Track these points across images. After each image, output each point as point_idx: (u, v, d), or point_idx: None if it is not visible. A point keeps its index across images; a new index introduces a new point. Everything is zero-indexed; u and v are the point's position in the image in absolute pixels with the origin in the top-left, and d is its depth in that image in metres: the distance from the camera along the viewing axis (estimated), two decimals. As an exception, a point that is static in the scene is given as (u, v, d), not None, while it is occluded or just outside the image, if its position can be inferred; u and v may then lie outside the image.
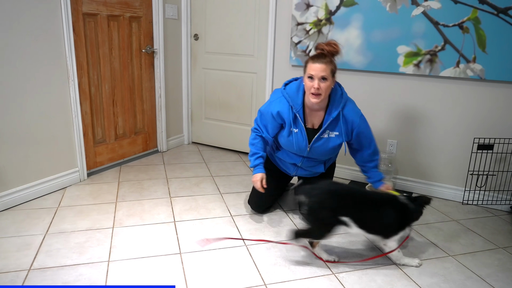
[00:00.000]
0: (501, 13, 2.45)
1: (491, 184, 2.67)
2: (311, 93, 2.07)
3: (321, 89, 2.04)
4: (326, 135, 2.20)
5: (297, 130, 2.20)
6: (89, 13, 2.81)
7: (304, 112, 2.21)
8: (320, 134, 2.19)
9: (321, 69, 2.02)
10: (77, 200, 2.61)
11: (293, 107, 2.17)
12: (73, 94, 2.73)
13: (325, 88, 2.05)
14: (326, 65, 2.03)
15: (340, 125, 2.18)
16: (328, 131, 2.19)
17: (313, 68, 2.04)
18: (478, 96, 2.65)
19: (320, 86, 2.03)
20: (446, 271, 1.98)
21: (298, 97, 2.17)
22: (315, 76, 2.03)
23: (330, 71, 2.05)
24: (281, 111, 2.19)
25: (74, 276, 1.81)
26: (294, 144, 2.24)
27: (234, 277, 1.86)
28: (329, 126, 2.18)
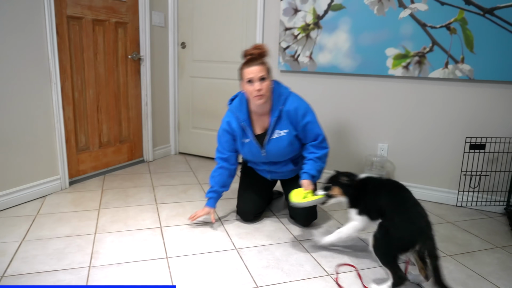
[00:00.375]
0: (487, 14, 2.48)
1: (484, 185, 2.63)
2: (255, 96, 2.08)
3: (263, 89, 2.07)
4: (276, 135, 2.19)
5: (248, 139, 2.23)
6: (74, 16, 2.75)
7: (252, 120, 2.24)
8: (269, 136, 2.19)
9: (258, 70, 2.05)
10: (57, 208, 2.48)
11: (239, 118, 2.21)
12: (55, 98, 2.64)
13: (266, 87, 2.08)
14: (260, 66, 2.07)
15: (285, 122, 2.17)
16: (277, 131, 2.18)
17: (249, 72, 2.07)
18: (468, 96, 2.64)
19: (261, 86, 2.06)
20: (446, 270, 1.89)
21: (242, 108, 2.21)
22: (253, 78, 2.05)
23: (266, 70, 2.09)
24: (230, 125, 2.24)
25: (51, 282, 1.68)
26: (249, 153, 2.28)
27: (225, 280, 1.75)
28: (276, 126, 2.18)
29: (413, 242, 1.61)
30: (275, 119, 2.16)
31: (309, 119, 2.17)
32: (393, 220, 1.67)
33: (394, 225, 1.65)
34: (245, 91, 2.14)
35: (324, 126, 2.21)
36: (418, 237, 1.60)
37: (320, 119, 2.19)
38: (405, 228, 1.63)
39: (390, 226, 1.66)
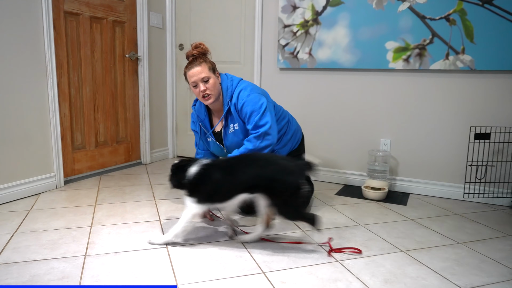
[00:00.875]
0: (486, 4, 2.48)
1: (491, 176, 2.58)
2: (202, 97, 2.09)
3: (208, 89, 2.06)
4: (232, 129, 2.16)
5: (210, 138, 2.25)
6: (71, 12, 2.73)
7: (212, 119, 2.27)
8: (226, 132, 2.18)
9: (199, 72, 2.05)
10: (51, 204, 2.38)
11: (199, 117, 2.25)
12: (51, 93, 2.58)
13: (212, 87, 2.07)
14: (202, 66, 2.06)
15: (236, 115, 2.12)
16: (231, 125, 2.16)
17: (191, 75, 2.06)
18: (470, 87, 2.62)
19: (206, 87, 2.05)
20: (458, 256, 1.82)
21: (202, 106, 2.24)
22: (197, 80, 2.05)
23: (208, 69, 2.07)
24: (194, 123, 2.30)
25: (44, 270, 1.58)
26: (215, 151, 2.29)
27: (228, 267, 1.66)
28: (229, 121, 2.15)
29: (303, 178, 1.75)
30: (226, 114, 2.13)
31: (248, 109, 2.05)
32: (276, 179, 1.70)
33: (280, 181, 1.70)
34: (194, 93, 2.13)
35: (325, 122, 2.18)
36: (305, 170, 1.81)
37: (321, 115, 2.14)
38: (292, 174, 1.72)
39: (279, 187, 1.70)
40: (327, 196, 2.74)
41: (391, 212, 2.43)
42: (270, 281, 1.55)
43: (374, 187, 2.72)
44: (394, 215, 2.37)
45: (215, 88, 2.09)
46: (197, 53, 2.08)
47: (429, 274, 1.65)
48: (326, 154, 3.07)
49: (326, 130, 3.07)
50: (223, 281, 1.54)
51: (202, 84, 2.05)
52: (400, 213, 2.42)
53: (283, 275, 1.60)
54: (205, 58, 2.10)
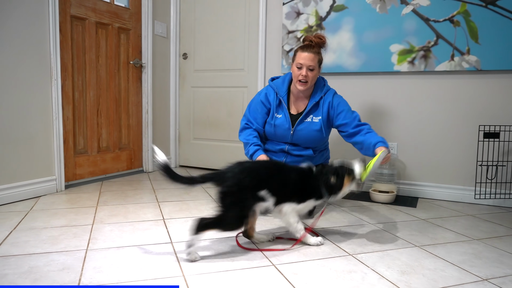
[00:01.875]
0: (490, 5, 2.50)
1: (501, 176, 2.52)
2: (299, 81, 2.14)
3: (308, 78, 2.13)
4: (310, 119, 2.22)
5: (281, 115, 2.24)
6: (78, 16, 2.74)
7: (289, 100, 2.28)
8: (303, 118, 2.21)
9: (310, 59, 2.10)
10: (52, 205, 2.32)
11: (278, 93, 2.25)
12: (55, 95, 2.56)
13: (312, 77, 2.14)
14: (314, 55, 2.12)
15: (321, 109, 2.21)
16: (311, 116, 2.22)
17: (302, 57, 2.11)
18: (477, 87, 2.60)
19: (307, 74, 2.11)
20: (476, 251, 1.75)
21: (284, 85, 2.27)
22: (303, 65, 2.11)
23: (317, 61, 2.14)
24: (268, 95, 2.28)
25: (43, 262, 1.51)
26: (277, 129, 2.24)
27: (237, 260, 1.59)
28: (312, 111, 2.22)
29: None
30: (314, 104, 2.21)
31: (343, 105, 2.22)
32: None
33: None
34: (293, 72, 2.18)
35: None
36: None
37: None
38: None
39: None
40: (335, 199, 2.67)
41: (401, 213, 2.36)
42: (282, 273, 1.47)
43: (382, 190, 2.65)
44: (405, 216, 2.31)
45: (314, 80, 2.17)
46: (316, 41, 2.12)
47: (447, 266, 1.57)
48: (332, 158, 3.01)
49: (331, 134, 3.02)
50: (232, 272, 1.47)
51: (306, 70, 2.10)
52: (411, 214, 2.35)
53: (294, 267, 1.53)
54: (320, 51, 2.16)
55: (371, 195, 2.67)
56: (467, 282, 1.43)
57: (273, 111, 2.24)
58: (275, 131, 2.25)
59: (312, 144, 2.26)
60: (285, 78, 2.30)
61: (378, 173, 2.77)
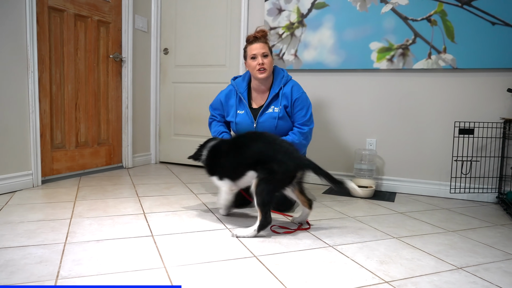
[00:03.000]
0: (465, 5, 2.58)
1: (476, 171, 2.61)
2: (258, 70, 2.22)
3: (266, 64, 2.22)
4: (271, 110, 2.29)
5: (243, 111, 2.33)
6: (55, 7, 2.68)
7: (250, 96, 2.37)
8: (264, 109, 2.29)
9: (261, 47, 2.23)
10: (28, 200, 2.26)
11: (238, 90, 2.35)
12: (32, 87, 2.50)
13: (269, 63, 2.24)
14: (264, 44, 2.25)
15: (280, 100, 2.28)
16: (272, 107, 2.29)
17: (253, 48, 2.24)
18: (453, 85, 2.68)
19: (263, 61, 2.21)
20: (451, 242, 1.81)
21: (244, 82, 2.37)
22: (257, 54, 2.22)
23: (268, 48, 2.26)
24: (228, 95, 2.38)
25: (20, 255, 1.47)
26: (241, 124, 2.32)
27: (218, 251, 1.59)
28: (272, 102, 2.29)
29: (296, 170, 1.79)
30: (274, 95, 2.27)
31: (301, 101, 2.28)
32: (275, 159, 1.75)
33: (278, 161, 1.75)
34: (248, 67, 2.28)
35: None
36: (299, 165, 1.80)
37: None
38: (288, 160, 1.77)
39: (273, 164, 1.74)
40: (314, 194, 2.71)
41: (379, 207, 2.41)
42: (263, 263, 1.48)
43: (362, 185, 2.70)
44: (383, 209, 2.36)
45: (271, 66, 2.26)
46: (259, 35, 2.25)
47: (424, 256, 1.62)
48: (312, 154, 3.04)
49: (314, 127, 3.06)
50: (214, 264, 1.47)
51: (261, 57, 2.20)
52: (389, 208, 2.41)
53: (276, 258, 1.54)
54: (266, 40, 2.27)
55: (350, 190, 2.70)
56: (443, 271, 1.47)
57: (235, 108, 2.33)
58: (237, 128, 2.34)
59: (278, 133, 2.26)
60: (245, 75, 2.40)
61: (357, 168, 2.82)
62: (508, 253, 1.68)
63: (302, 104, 2.28)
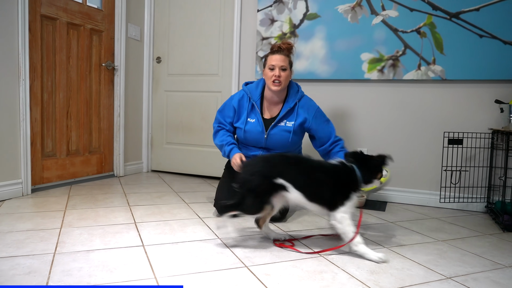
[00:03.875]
0: (454, 18, 2.63)
1: (465, 181, 2.64)
2: (272, 82, 2.18)
3: (282, 78, 2.17)
4: (283, 123, 2.25)
5: (254, 119, 2.27)
6: (48, 16, 2.68)
7: (262, 105, 2.31)
8: (276, 122, 2.25)
9: (281, 60, 2.18)
10: (17, 209, 2.24)
11: (251, 97, 2.29)
12: (23, 95, 2.49)
13: (285, 77, 2.19)
14: (285, 57, 2.20)
15: (295, 115, 2.26)
16: (285, 121, 2.26)
17: (273, 59, 2.19)
18: (442, 96, 2.73)
19: (280, 74, 2.16)
20: (440, 251, 1.83)
21: (257, 90, 2.31)
22: (276, 65, 2.17)
23: (288, 62, 2.21)
24: (241, 101, 2.31)
25: (8, 266, 1.45)
26: (250, 133, 2.27)
27: (210, 262, 1.59)
28: (286, 115, 2.26)
29: None
30: (288, 109, 2.24)
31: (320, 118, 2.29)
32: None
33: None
34: (265, 76, 2.23)
35: None
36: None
37: None
38: None
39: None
40: (307, 203, 2.71)
41: (370, 217, 2.42)
42: (254, 274, 1.48)
43: (353, 194, 2.72)
44: (374, 219, 2.37)
45: (287, 81, 2.21)
46: (284, 47, 2.21)
47: (414, 265, 1.63)
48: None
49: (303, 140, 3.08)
50: (205, 274, 1.47)
51: (279, 70, 2.16)
52: (380, 217, 2.42)
53: (267, 268, 1.54)
54: (289, 54, 2.23)
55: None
56: (433, 280, 1.49)
57: (246, 115, 2.27)
58: (245, 136, 2.28)
59: (286, 148, 2.29)
60: (259, 83, 2.34)
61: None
62: (497, 262, 1.70)
63: (324, 116, 2.30)
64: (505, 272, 1.60)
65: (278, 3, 3.06)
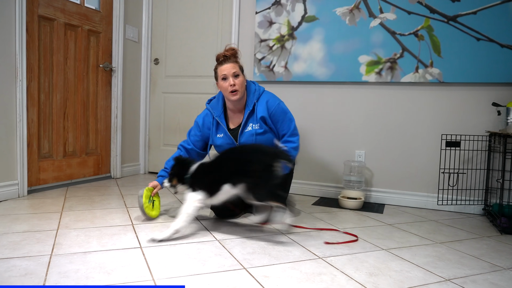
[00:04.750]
0: (451, 21, 2.65)
1: (462, 183, 2.65)
2: (230, 92, 2.14)
3: (237, 85, 2.14)
4: (250, 128, 2.21)
5: (222, 134, 2.26)
6: (46, 16, 2.67)
7: (227, 117, 2.30)
8: (242, 129, 2.21)
9: (231, 67, 2.15)
10: (13, 210, 2.22)
11: (214, 114, 2.27)
12: (19, 96, 2.47)
13: (240, 83, 2.16)
14: (233, 63, 2.17)
15: (256, 116, 2.21)
16: (251, 124, 2.22)
17: (223, 69, 2.16)
18: (439, 98, 2.74)
19: (235, 82, 2.14)
20: (439, 253, 1.82)
21: (218, 105, 2.29)
22: (227, 74, 2.14)
23: (238, 67, 2.19)
24: (205, 119, 2.31)
25: (4, 268, 1.44)
26: (221, 147, 2.26)
27: (208, 263, 1.58)
28: (250, 119, 2.22)
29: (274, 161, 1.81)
30: (249, 113, 2.20)
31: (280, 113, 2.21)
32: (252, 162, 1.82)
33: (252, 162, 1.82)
34: (220, 88, 2.20)
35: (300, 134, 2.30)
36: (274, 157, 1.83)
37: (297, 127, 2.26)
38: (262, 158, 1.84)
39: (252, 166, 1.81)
40: (304, 206, 2.71)
41: (368, 219, 2.42)
42: (253, 276, 1.47)
43: (351, 196, 2.72)
44: (372, 221, 2.37)
45: (243, 86, 2.18)
46: (229, 54, 2.17)
47: (413, 268, 1.63)
48: (302, 166, 3.06)
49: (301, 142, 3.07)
50: (203, 276, 1.45)
51: (232, 78, 2.13)
52: (378, 219, 2.42)
53: (265, 270, 1.53)
54: (237, 59, 2.20)
55: (340, 201, 2.72)
56: (431, 282, 1.48)
57: (214, 133, 2.27)
58: (220, 151, 2.26)
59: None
60: (219, 96, 2.31)
61: (347, 180, 2.84)
62: (495, 264, 1.70)
63: (282, 116, 2.20)
64: (504, 274, 1.60)
65: (277, 6, 3.07)
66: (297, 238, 1.95)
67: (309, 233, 2.05)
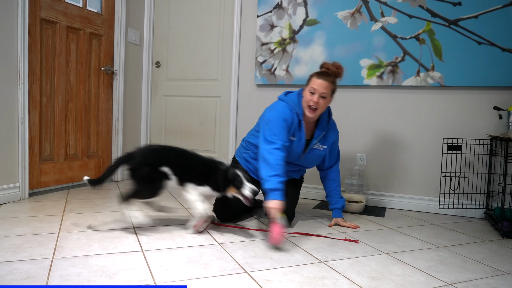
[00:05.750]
0: (452, 24, 2.65)
1: (464, 187, 2.64)
2: (309, 106, 2.06)
3: (319, 105, 2.05)
4: (317, 146, 2.23)
5: (295, 138, 2.12)
6: (48, 19, 2.68)
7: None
8: (312, 145, 2.20)
9: (324, 86, 2.04)
10: (14, 213, 2.22)
11: (298, 113, 2.11)
12: (21, 99, 2.47)
13: (323, 105, 2.07)
14: (329, 83, 2.05)
15: (327, 140, 2.24)
16: (318, 144, 2.22)
17: (316, 83, 2.05)
18: (441, 102, 2.74)
19: (319, 101, 2.04)
20: (441, 257, 1.82)
21: (300, 107, 2.12)
22: (317, 90, 2.04)
23: (331, 90, 2.07)
24: (291, 117, 2.09)
25: (6, 271, 1.44)
26: (290, 152, 2.13)
27: (209, 267, 1.58)
28: (320, 139, 2.22)
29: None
30: (322, 134, 2.20)
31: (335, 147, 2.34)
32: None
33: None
34: (304, 95, 2.10)
35: None
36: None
37: None
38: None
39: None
40: (305, 209, 2.71)
41: (370, 223, 2.42)
42: (255, 279, 1.47)
43: (352, 200, 2.72)
44: (374, 225, 2.37)
45: (323, 108, 2.10)
46: (333, 71, 2.08)
47: (415, 272, 1.62)
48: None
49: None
50: (205, 280, 1.45)
51: (318, 96, 2.03)
52: (379, 223, 2.42)
53: (267, 274, 1.53)
54: (335, 80, 2.10)
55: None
56: (433, 287, 1.48)
57: (292, 133, 2.10)
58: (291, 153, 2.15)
59: (313, 165, 2.34)
60: (299, 98, 2.14)
61: (348, 183, 2.84)
62: (497, 269, 1.70)
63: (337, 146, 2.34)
64: (506, 278, 1.60)
65: (278, 9, 3.08)
66: (299, 241, 1.95)
67: (310, 238, 2.04)
